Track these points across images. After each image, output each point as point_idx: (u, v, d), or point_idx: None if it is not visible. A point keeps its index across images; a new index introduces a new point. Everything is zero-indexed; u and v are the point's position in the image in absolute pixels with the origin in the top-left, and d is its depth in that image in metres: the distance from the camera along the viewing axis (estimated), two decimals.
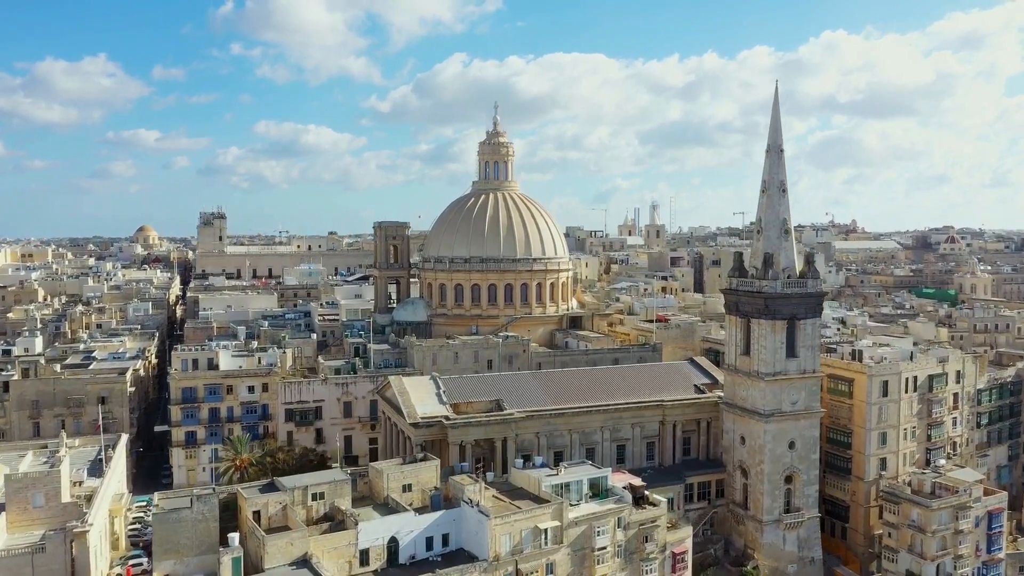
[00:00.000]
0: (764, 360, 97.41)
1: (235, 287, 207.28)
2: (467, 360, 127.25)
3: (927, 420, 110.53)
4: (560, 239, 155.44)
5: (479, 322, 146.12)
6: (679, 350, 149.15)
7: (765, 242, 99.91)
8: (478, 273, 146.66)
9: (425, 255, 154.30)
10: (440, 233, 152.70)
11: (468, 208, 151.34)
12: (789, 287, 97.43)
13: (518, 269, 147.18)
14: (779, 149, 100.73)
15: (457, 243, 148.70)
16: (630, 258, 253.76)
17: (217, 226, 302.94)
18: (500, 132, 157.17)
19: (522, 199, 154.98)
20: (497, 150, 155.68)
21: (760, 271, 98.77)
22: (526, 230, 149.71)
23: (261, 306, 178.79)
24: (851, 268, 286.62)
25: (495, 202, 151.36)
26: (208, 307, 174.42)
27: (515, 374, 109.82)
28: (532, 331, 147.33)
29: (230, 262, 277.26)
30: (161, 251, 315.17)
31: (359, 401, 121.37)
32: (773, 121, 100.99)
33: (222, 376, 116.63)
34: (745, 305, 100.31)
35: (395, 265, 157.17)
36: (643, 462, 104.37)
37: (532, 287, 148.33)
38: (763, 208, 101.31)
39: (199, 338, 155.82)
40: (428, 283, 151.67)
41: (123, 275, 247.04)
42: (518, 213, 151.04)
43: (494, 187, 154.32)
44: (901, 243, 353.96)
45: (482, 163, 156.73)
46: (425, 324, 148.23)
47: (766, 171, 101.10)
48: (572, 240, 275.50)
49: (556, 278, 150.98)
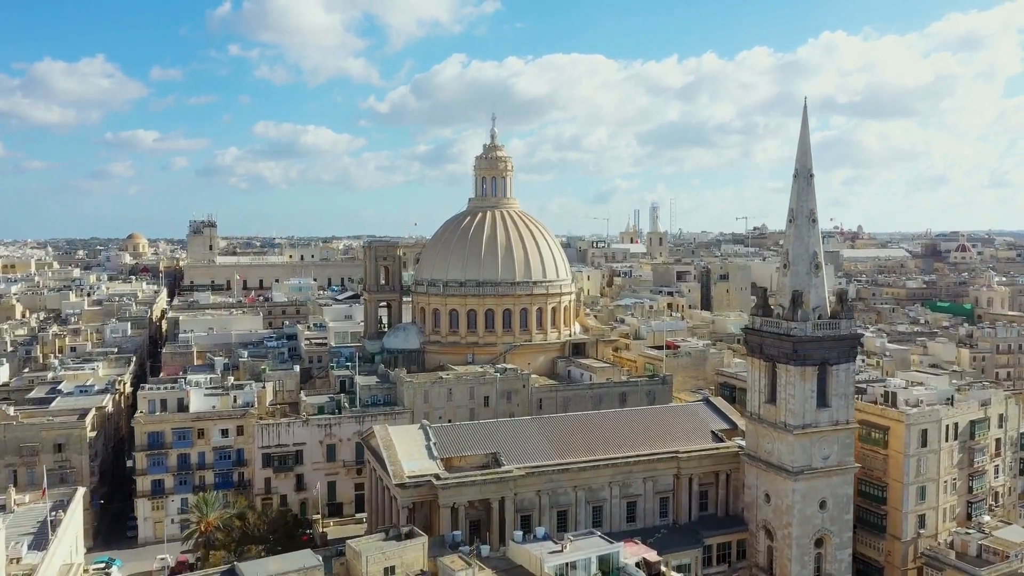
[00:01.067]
0: (792, 411, 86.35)
1: (220, 304, 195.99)
2: (462, 397, 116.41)
3: (968, 470, 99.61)
4: (562, 260, 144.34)
5: (475, 350, 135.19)
6: (690, 379, 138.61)
7: (793, 278, 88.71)
8: (474, 298, 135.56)
9: (418, 278, 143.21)
10: (434, 254, 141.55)
11: (463, 228, 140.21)
12: (820, 329, 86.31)
13: (517, 293, 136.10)
14: (808, 174, 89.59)
15: (452, 265, 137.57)
16: (633, 270, 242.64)
17: (207, 235, 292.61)
18: (498, 146, 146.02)
19: (521, 217, 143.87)
20: (495, 165, 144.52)
21: (787, 310, 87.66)
22: (525, 251, 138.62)
23: (246, 328, 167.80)
24: (860, 279, 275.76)
25: (492, 221, 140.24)
26: (189, 329, 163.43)
27: (514, 421, 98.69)
28: (532, 360, 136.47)
29: (219, 273, 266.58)
30: (151, 260, 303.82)
31: (344, 444, 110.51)
32: (802, 144, 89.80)
33: (192, 419, 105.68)
34: (770, 348, 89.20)
35: (386, 287, 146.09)
36: (656, 519, 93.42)
37: (532, 312, 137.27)
38: (790, 240, 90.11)
39: (176, 365, 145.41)
40: (421, 307, 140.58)
41: (107, 288, 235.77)
42: (517, 233, 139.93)
43: (491, 204, 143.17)
44: (909, 250, 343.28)
45: (478, 179, 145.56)
46: (418, 352, 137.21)
47: (793, 199, 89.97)
48: (573, 251, 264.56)
49: (558, 302, 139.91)
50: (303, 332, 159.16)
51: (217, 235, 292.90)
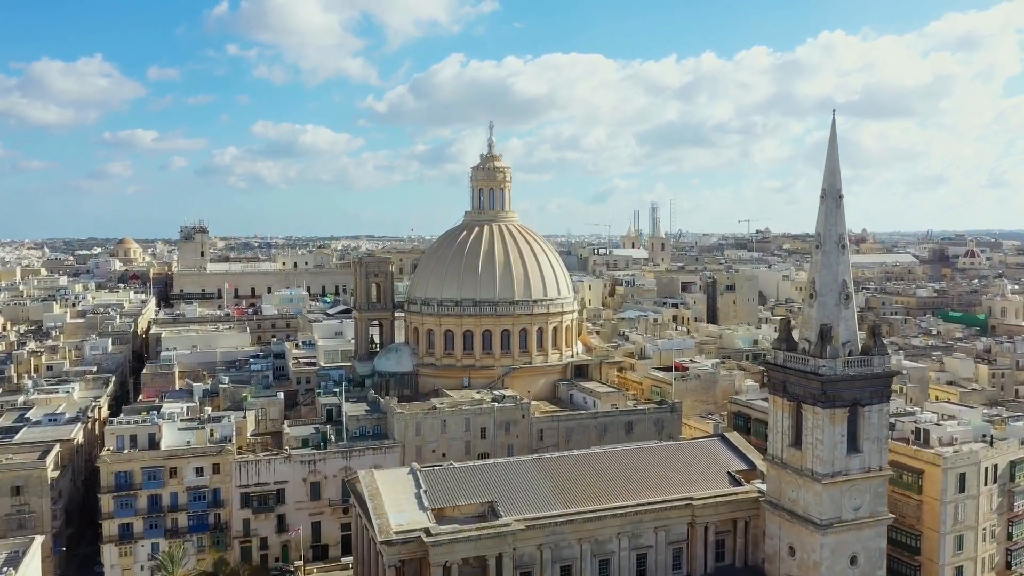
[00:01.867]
0: (820, 457, 77.56)
1: (206, 318, 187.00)
2: (456, 429, 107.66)
3: (1008, 515, 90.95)
4: (563, 276, 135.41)
5: (472, 373, 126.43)
6: (699, 404, 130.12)
7: (820, 310, 79.80)
8: (471, 318, 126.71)
9: (411, 295, 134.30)
10: (428, 271, 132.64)
11: (459, 243, 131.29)
12: (851, 367, 77.51)
13: (516, 313, 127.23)
14: (837, 195, 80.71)
15: (447, 283, 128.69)
16: (636, 279, 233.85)
17: (199, 241, 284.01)
18: (495, 155, 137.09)
19: (520, 231, 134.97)
20: (492, 176, 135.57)
21: (814, 346, 78.83)
22: (525, 268, 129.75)
23: (231, 345, 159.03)
24: (869, 287, 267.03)
25: (490, 236, 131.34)
26: (171, 347, 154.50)
27: (512, 463, 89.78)
28: (532, 383, 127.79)
29: (209, 281, 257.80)
30: (141, 266, 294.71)
31: (329, 481, 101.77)
32: (829, 162, 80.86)
33: (164, 456, 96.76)
34: (795, 387, 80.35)
35: (377, 305, 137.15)
36: (668, 572, 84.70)
37: (532, 333, 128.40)
38: (817, 268, 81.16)
39: (156, 387, 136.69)
40: (414, 327, 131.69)
41: (92, 298, 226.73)
42: (516, 248, 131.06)
43: (489, 218, 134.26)
44: (916, 255, 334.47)
45: (475, 191, 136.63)
46: (410, 375, 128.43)
47: (821, 222, 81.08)
48: (574, 259, 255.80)
49: (559, 321, 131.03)
50: (291, 351, 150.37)
51: (208, 241, 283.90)
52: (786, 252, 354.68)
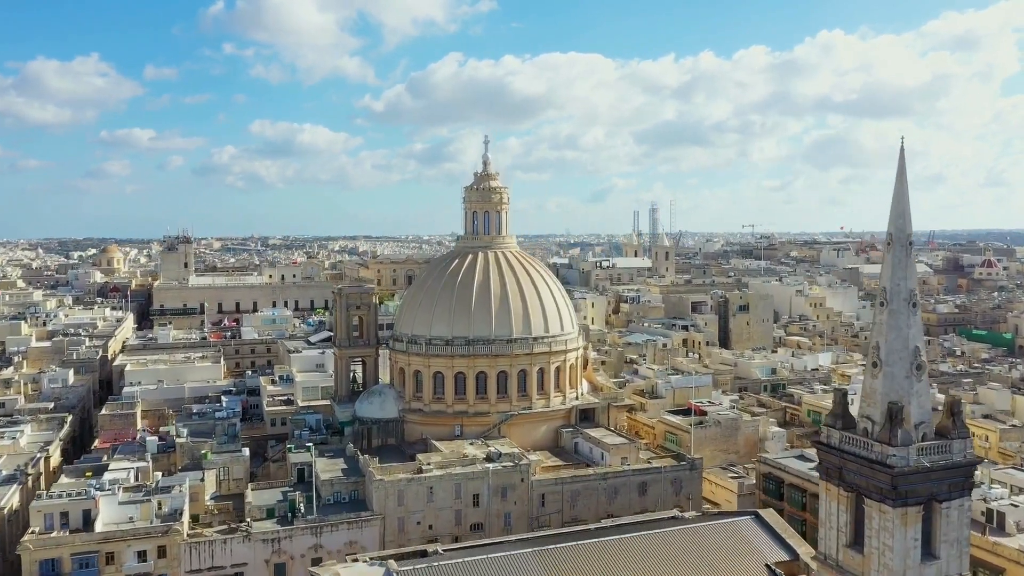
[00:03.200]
0: (888, 566, 62.08)
1: (179, 344, 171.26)
2: (445, 497, 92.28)
3: None
4: (567, 309, 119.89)
5: (464, 421, 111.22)
6: (719, 453, 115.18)
7: (887, 382, 64.24)
8: (463, 358, 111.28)
9: (396, 332, 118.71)
10: (415, 305, 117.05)
11: (450, 273, 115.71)
12: (927, 455, 62.01)
13: (514, 352, 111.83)
14: (906, 241, 65.15)
15: (436, 318, 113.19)
16: (641, 295, 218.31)
17: (182, 252, 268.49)
18: (491, 174, 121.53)
19: (519, 259, 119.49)
20: (488, 197, 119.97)
21: (881, 428, 63.29)
22: (524, 301, 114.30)
23: (203, 378, 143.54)
24: None
25: (484, 265, 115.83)
26: (136, 381, 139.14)
27: (509, 557, 74.08)
28: (532, 431, 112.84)
29: (191, 296, 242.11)
30: (123, 278, 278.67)
31: (296, 562, 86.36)
32: (897, 201, 65.23)
33: (99, 539, 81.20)
34: (855, 476, 64.84)
35: (359, 340, 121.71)
36: None
37: (532, 374, 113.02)
38: (882, 330, 65.61)
39: (115, 429, 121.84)
40: (400, 368, 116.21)
41: (65, 316, 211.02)
42: (514, 279, 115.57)
43: (484, 244, 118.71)
44: (930, 264, 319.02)
45: (469, 213, 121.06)
46: (395, 422, 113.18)
47: (886, 274, 65.55)
48: (575, 272, 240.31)
49: (562, 360, 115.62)
50: (266, 387, 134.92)
51: (192, 251, 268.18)
52: (794, 260, 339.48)
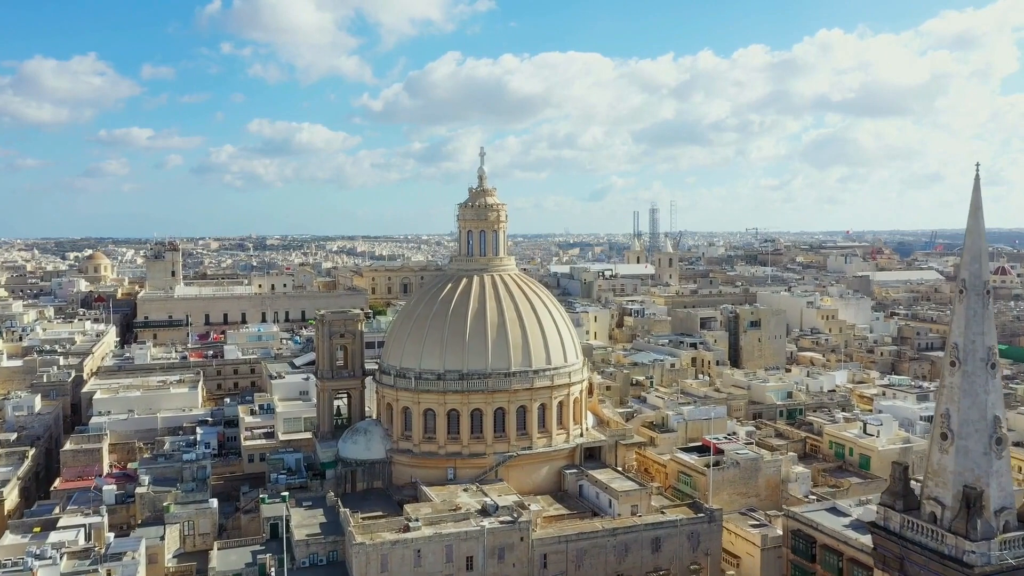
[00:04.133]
0: None
1: (156, 365, 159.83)
2: (435, 561, 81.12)
3: None
4: (571, 338, 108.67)
5: (458, 463, 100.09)
6: (738, 497, 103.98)
7: (960, 459, 53.14)
8: (456, 394, 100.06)
9: (384, 363, 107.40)
10: (403, 334, 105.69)
11: (443, 300, 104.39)
12: (1011, 549, 50.93)
13: (513, 387, 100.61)
14: (982, 289, 54.05)
15: (427, 350, 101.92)
16: (646, 308, 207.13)
17: (169, 260, 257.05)
18: (487, 189, 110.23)
19: (517, 283, 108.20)
20: (484, 215, 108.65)
21: (954, 515, 52.19)
22: (524, 330, 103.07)
23: (178, 406, 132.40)
24: (899, 310, 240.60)
25: (480, 290, 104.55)
26: (105, 410, 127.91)
27: None
28: (533, 473, 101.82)
29: (177, 307, 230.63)
30: (108, 286, 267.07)
31: None
32: (972, 242, 54.19)
33: None
34: (921, 570, 53.75)
35: (344, 371, 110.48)
36: None
37: (532, 411, 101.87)
38: (954, 396, 54.51)
39: (79, 466, 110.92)
40: (388, 403, 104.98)
41: (43, 330, 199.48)
42: (512, 305, 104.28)
43: (480, 267, 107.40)
44: (941, 271, 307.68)
45: (463, 232, 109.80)
46: (383, 464, 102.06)
47: (958, 329, 54.64)
48: (577, 283, 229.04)
49: (566, 395, 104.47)
50: (245, 418, 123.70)
51: (180, 260, 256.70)
52: (800, 266, 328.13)
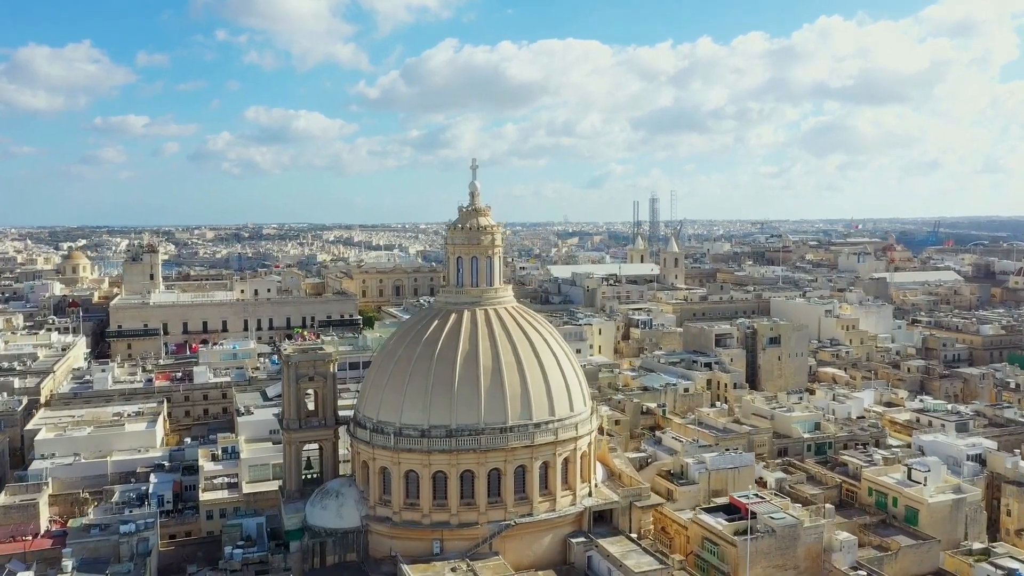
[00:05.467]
0: None
1: (117, 391, 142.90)
2: None
3: None
4: (578, 381, 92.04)
5: (445, 535, 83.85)
6: (774, 571, 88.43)
7: None
8: (443, 454, 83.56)
9: (359, 414, 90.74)
10: (382, 381, 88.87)
11: (428, 340, 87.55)
12: None
13: (510, 445, 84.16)
14: None
15: (409, 401, 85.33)
16: (654, 318, 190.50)
17: (147, 262, 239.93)
18: (480, 208, 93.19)
19: (515, 318, 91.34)
20: (475, 239, 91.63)
21: None
22: (523, 375, 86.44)
23: (134, 445, 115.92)
24: (920, 317, 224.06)
25: (472, 329, 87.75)
26: (47, 452, 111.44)
27: None
28: (534, 543, 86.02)
29: (153, 315, 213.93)
30: (85, 290, 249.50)
31: None
32: None
33: None
34: None
35: (314, 420, 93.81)
36: None
37: (533, 470, 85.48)
38: None
39: (12, 524, 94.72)
40: (364, 461, 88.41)
41: (6, 343, 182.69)
42: (510, 346, 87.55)
43: (471, 300, 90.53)
44: (959, 270, 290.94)
45: (451, 259, 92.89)
46: (357, 534, 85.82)
47: None
48: (580, 290, 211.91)
49: (572, 449, 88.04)
50: (205, 465, 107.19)
51: (159, 262, 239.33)
52: (810, 265, 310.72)
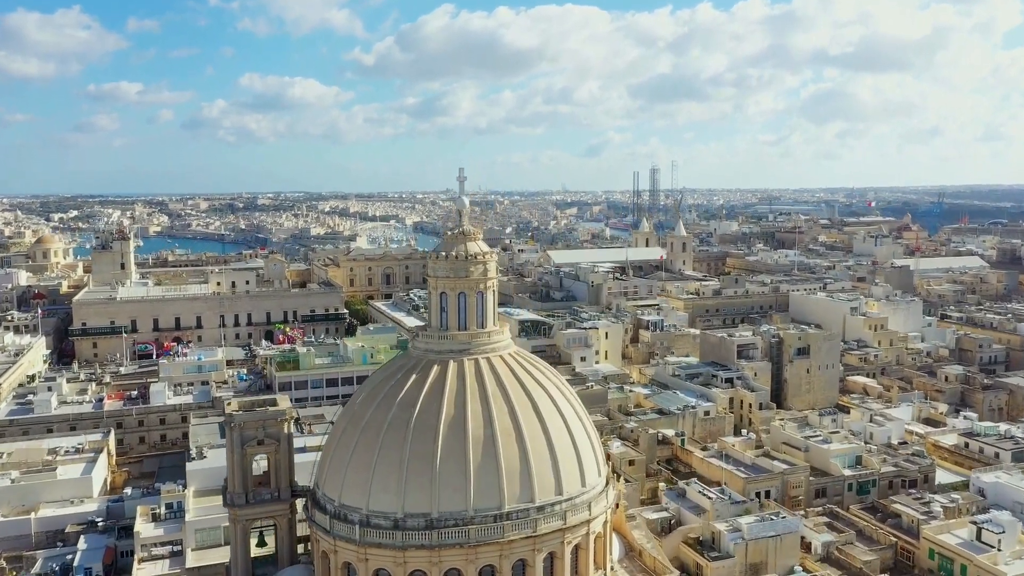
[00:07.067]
0: None
1: (55, 419, 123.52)
2: None
3: None
4: (591, 444, 72.97)
5: None
6: None
7: None
8: (422, 551, 64.79)
9: (318, 492, 71.67)
10: (344, 453, 69.59)
11: (403, 402, 68.18)
12: None
13: (507, 537, 65.38)
14: None
15: (379, 482, 66.33)
16: (664, 319, 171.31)
17: (118, 250, 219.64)
18: (468, 232, 73.21)
19: (513, 369, 71.84)
20: (463, 270, 71.76)
21: None
22: (523, 445, 67.38)
23: (67, 496, 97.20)
24: (949, 312, 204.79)
25: (459, 386, 68.42)
26: None
27: None
28: None
29: (121, 311, 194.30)
30: (52, 280, 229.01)
31: None
32: None
33: None
34: None
35: (264, 493, 74.89)
36: None
37: (536, 565, 66.89)
38: None
39: None
40: (323, 552, 69.57)
41: None
42: (506, 407, 68.28)
43: (458, 348, 71.01)
44: (982, 254, 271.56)
45: (434, 294, 73.15)
46: None
47: None
48: (584, 286, 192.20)
49: (583, 534, 69.31)
50: (141, 531, 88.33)
51: (131, 251, 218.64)
52: (824, 247, 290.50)
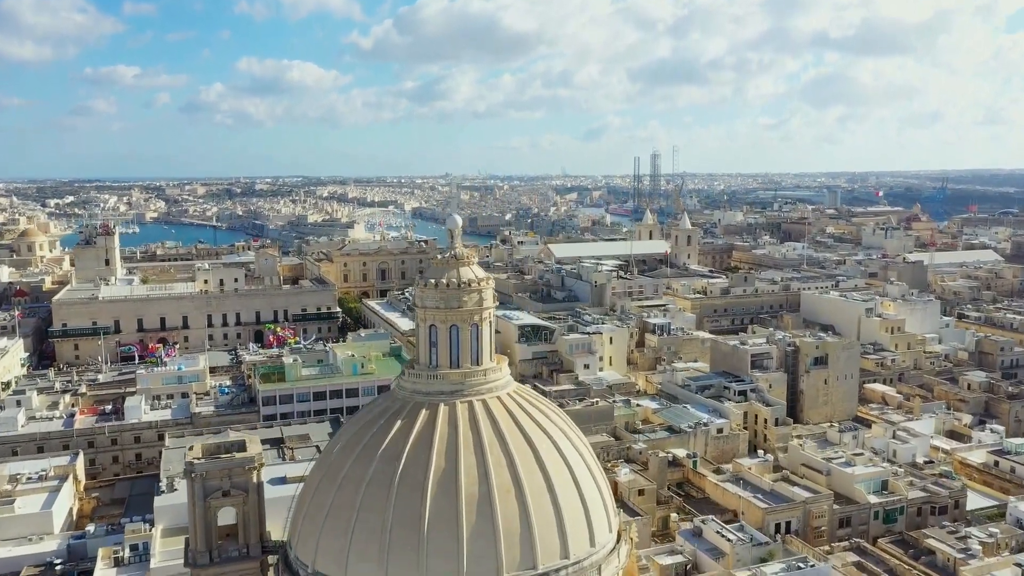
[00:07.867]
0: None
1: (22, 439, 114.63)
2: None
3: None
4: (600, 497, 63.95)
5: None
6: None
7: None
8: None
9: (292, 552, 62.81)
10: (319, 512, 60.61)
11: (386, 455, 59.11)
12: None
13: None
14: None
15: (358, 547, 57.38)
16: (672, 322, 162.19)
17: (103, 246, 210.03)
18: (461, 257, 63.80)
19: (512, 411, 62.62)
20: (455, 300, 62.41)
21: None
22: (523, 503, 58.38)
23: (25, 533, 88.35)
24: (966, 311, 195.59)
25: (450, 435, 59.35)
26: None
27: None
28: None
29: (103, 311, 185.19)
30: (35, 275, 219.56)
31: None
32: None
33: None
34: None
35: (231, 549, 66.03)
36: None
37: None
38: None
39: None
40: None
41: None
42: (505, 460, 59.21)
43: (450, 389, 61.83)
44: (995, 247, 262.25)
45: (424, 328, 63.81)
46: None
47: None
48: (586, 286, 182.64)
49: None
50: (103, 574, 79.54)
51: (116, 247, 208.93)
52: (832, 239, 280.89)
